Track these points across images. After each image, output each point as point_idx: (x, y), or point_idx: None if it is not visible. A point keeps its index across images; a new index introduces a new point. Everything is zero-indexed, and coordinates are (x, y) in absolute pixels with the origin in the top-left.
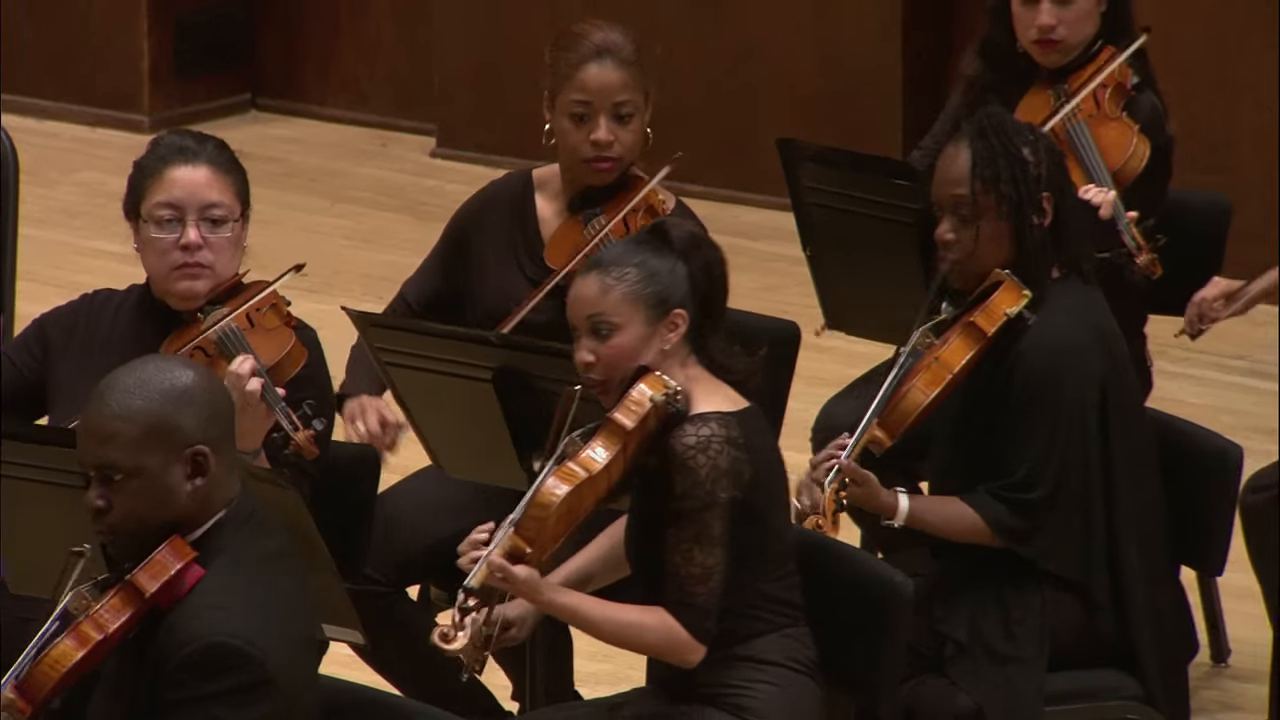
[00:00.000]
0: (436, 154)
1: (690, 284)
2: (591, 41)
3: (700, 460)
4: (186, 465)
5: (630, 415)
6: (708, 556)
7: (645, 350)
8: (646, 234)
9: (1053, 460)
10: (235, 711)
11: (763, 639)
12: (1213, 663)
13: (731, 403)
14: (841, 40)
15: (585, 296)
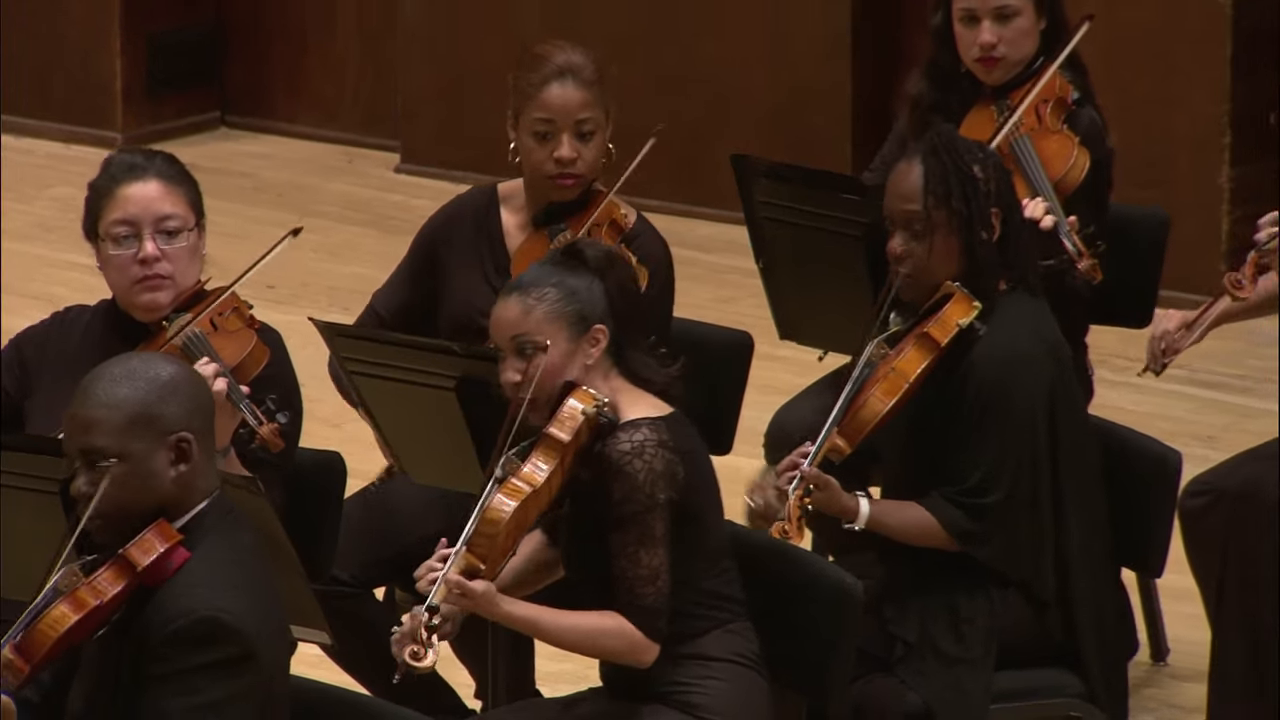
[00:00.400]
0: (401, 170)
1: (607, 300)
2: (554, 62)
3: (637, 465)
4: (171, 452)
5: (565, 429)
6: (653, 557)
7: (569, 366)
8: (562, 255)
9: (1005, 466)
10: (219, 684)
11: (707, 636)
12: (1152, 661)
13: (657, 409)
14: (793, 61)
15: (508, 318)
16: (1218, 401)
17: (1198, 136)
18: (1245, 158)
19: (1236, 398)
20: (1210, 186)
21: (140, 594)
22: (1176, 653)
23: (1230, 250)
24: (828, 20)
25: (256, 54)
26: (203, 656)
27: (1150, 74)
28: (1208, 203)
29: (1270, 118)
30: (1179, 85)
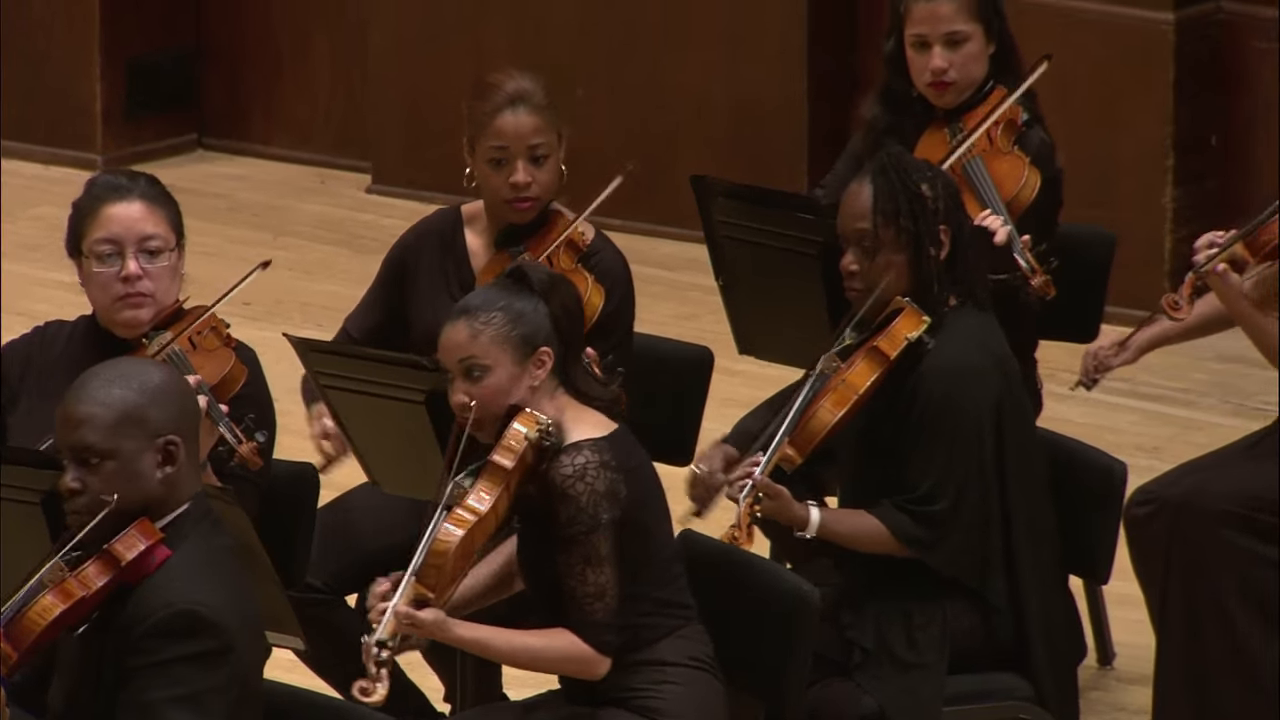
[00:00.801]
0: (372, 190)
1: (552, 322)
2: (505, 91)
3: (579, 488)
4: (158, 453)
5: (509, 456)
6: (599, 575)
7: (516, 388)
8: (506, 278)
9: (953, 475)
10: (199, 675)
11: (661, 642)
12: (1099, 665)
13: (602, 427)
14: (750, 84)
15: (456, 341)
16: (1161, 414)
17: (1142, 159)
18: (1188, 179)
19: (1180, 410)
20: (1154, 207)
21: (121, 591)
22: (1122, 657)
23: (1173, 268)
24: (784, 46)
25: (232, 79)
26: (182, 648)
27: (1097, 98)
28: (1152, 222)
29: (1211, 140)
30: (1124, 109)
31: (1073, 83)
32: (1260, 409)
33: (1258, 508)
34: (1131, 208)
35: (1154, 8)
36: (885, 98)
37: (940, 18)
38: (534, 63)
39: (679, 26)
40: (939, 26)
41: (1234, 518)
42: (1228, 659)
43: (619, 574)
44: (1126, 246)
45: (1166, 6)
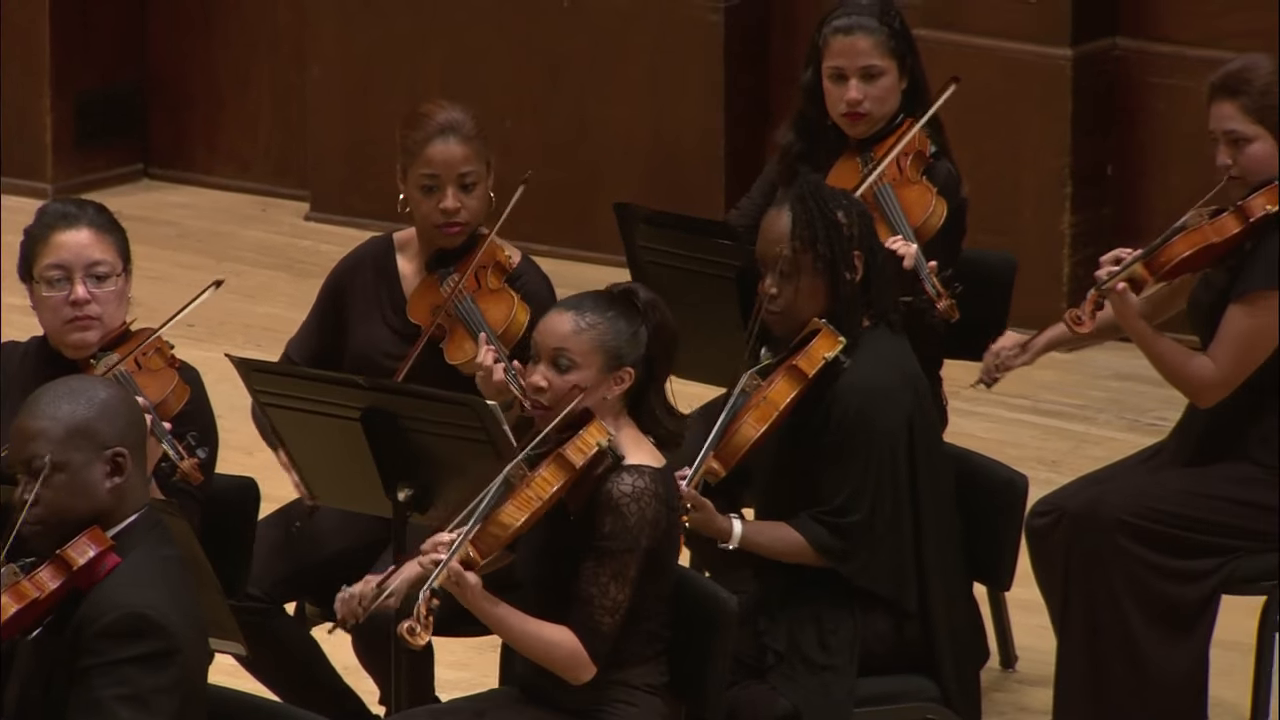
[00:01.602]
0: (311, 218)
1: (646, 349)
2: (436, 121)
3: (633, 509)
4: (107, 465)
5: (580, 455)
6: (620, 592)
7: (591, 394)
8: (620, 295)
9: (867, 488)
10: (148, 675)
11: (633, 667)
12: (1002, 668)
13: (655, 459)
14: (670, 115)
15: (557, 330)
16: (1061, 429)
17: (1042, 187)
18: (1085, 206)
19: (1078, 425)
20: (1053, 233)
21: (73, 596)
22: (1024, 660)
23: (1071, 290)
24: (703, 78)
25: (177, 111)
26: (131, 649)
27: (999, 131)
28: (1051, 247)
29: (1107, 170)
30: (1025, 141)
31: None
32: (1154, 424)
33: (1152, 518)
34: (1032, 234)
35: (1053, 44)
36: (800, 126)
37: (858, 52)
38: (465, 96)
39: (603, 62)
40: (856, 60)
41: (1130, 527)
42: (1124, 661)
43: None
44: (1027, 270)
45: (1065, 43)
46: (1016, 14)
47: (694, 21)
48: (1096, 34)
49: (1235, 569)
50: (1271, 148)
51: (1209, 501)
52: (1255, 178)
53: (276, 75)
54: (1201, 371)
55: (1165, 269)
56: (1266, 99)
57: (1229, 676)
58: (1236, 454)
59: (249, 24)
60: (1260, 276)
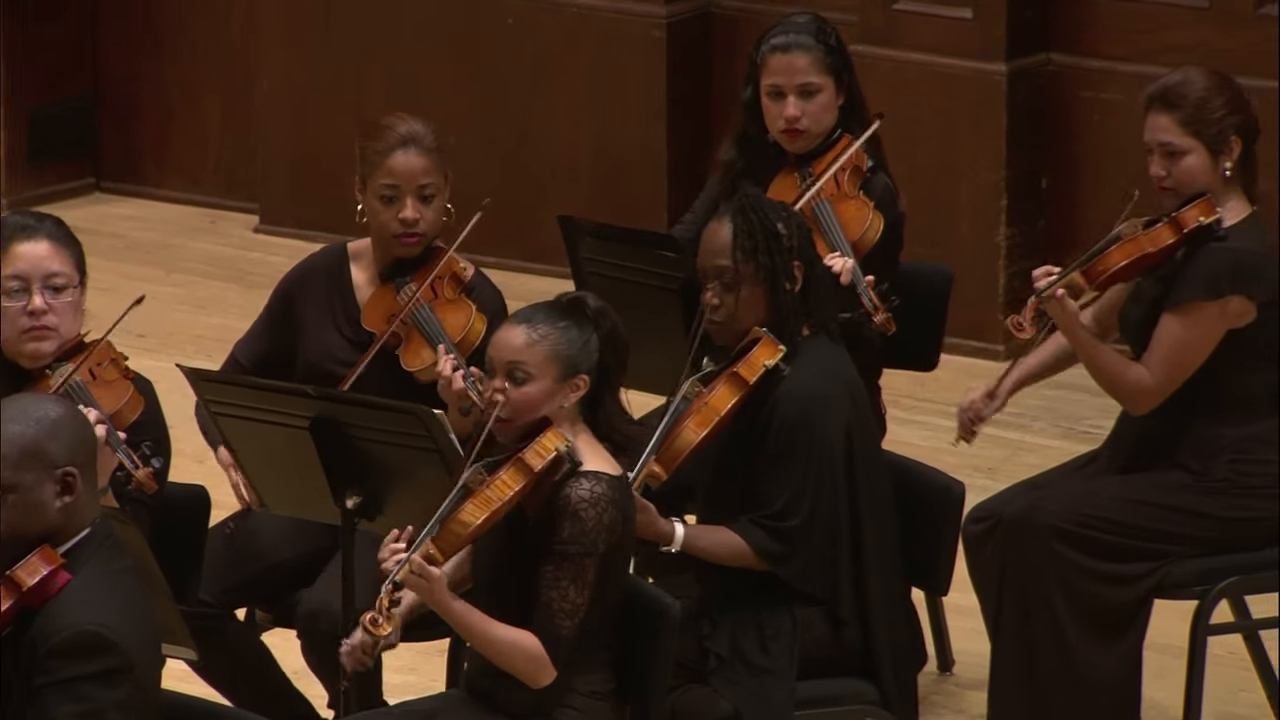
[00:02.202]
0: (259, 230)
1: (598, 356)
2: (397, 132)
3: (590, 513)
4: (57, 484)
5: (539, 459)
6: (579, 596)
7: (547, 404)
8: (569, 304)
9: (806, 493)
10: (101, 691)
11: (581, 674)
12: (939, 671)
13: (611, 466)
14: (614, 129)
15: (511, 343)
16: (997, 437)
17: (977, 200)
18: (1020, 219)
19: (1013, 433)
20: (989, 245)
21: (24, 615)
22: (961, 664)
23: (1007, 301)
24: (646, 94)
25: (127, 126)
26: (85, 667)
27: (935, 145)
28: (986, 259)
29: (1042, 183)
30: (960, 155)
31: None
32: (1089, 432)
33: (1086, 524)
34: (968, 246)
35: (988, 60)
36: (741, 142)
37: (795, 70)
38: (411, 110)
39: (547, 78)
40: (794, 78)
41: (1064, 533)
42: (1058, 665)
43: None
44: (963, 282)
45: (999, 59)
46: (952, 31)
47: (637, 37)
48: (1030, 50)
49: (1168, 573)
50: (1205, 161)
51: (1142, 507)
52: (1188, 190)
53: (226, 90)
54: (1136, 379)
55: (1102, 277)
56: (1201, 113)
57: (1162, 679)
58: (1169, 461)
59: (199, 40)
60: (1194, 287)
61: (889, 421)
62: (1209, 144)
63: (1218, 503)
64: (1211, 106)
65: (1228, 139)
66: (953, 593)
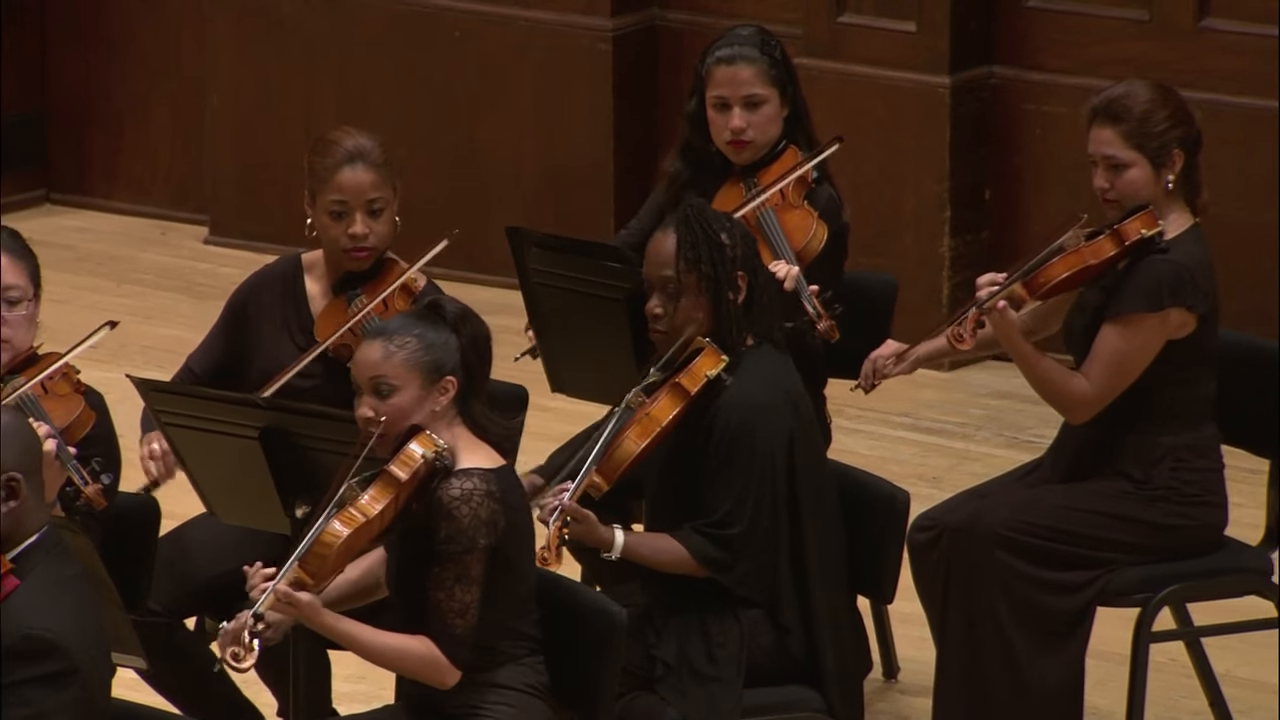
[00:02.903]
0: (209, 241)
1: (460, 355)
2: (344, 148)
3: (464, 510)
4: (1, 490)
5: (404, 469)
6: (465, 594)
7: (418, 410)
8: (425, 309)
9: (749, 501)
10: (48, 696)
11: (504, 668)
12: (884, 679)
13: (491, 460)
14: (560, 140)
15: (370, 360)
16: (941, 446)
17: (921, 211)
18: (963, 230)
19: (957, 443)
20: (933, 255)
21: None
22: (905, 671)
23: (951, 311)
24: (593, 106)
25: (78, 139)
26: (33, 671)
27: (879, 157)
28: (931, 270)
29: (985, 194)
30: (905, 166)
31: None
32: (1032, 441)
33: (1029, 532)
34: (912, 256)
35: (932, 73)
36: (686, 153)
37: (740, 81)
38: (358, 124)
39: (493, 90)
40: (739, 89)
41: (1007, 541)
42: (1001, 671)
43: (482, 597)
44: (908, 292)
45: (943, 72)
46: (896, 44)
47: (583, 50)
48: (973, 63)
49: (1110, 581)
50: (1147, 174)
51: (1084, 516)
52: (1131, 202)
53: (176, 103)
54: (1076, 389)
55: (1044, 289)
56: (1144, 126)
57: (1104, 686)
58: (1110, 470)
59: (149, 54)
60: (1134, 299)
61: (834, 431)
62: (1152, 157)
63: (1159, 511)
64: (1155, 120)
65: (1170, 152)
66: (898, 600)
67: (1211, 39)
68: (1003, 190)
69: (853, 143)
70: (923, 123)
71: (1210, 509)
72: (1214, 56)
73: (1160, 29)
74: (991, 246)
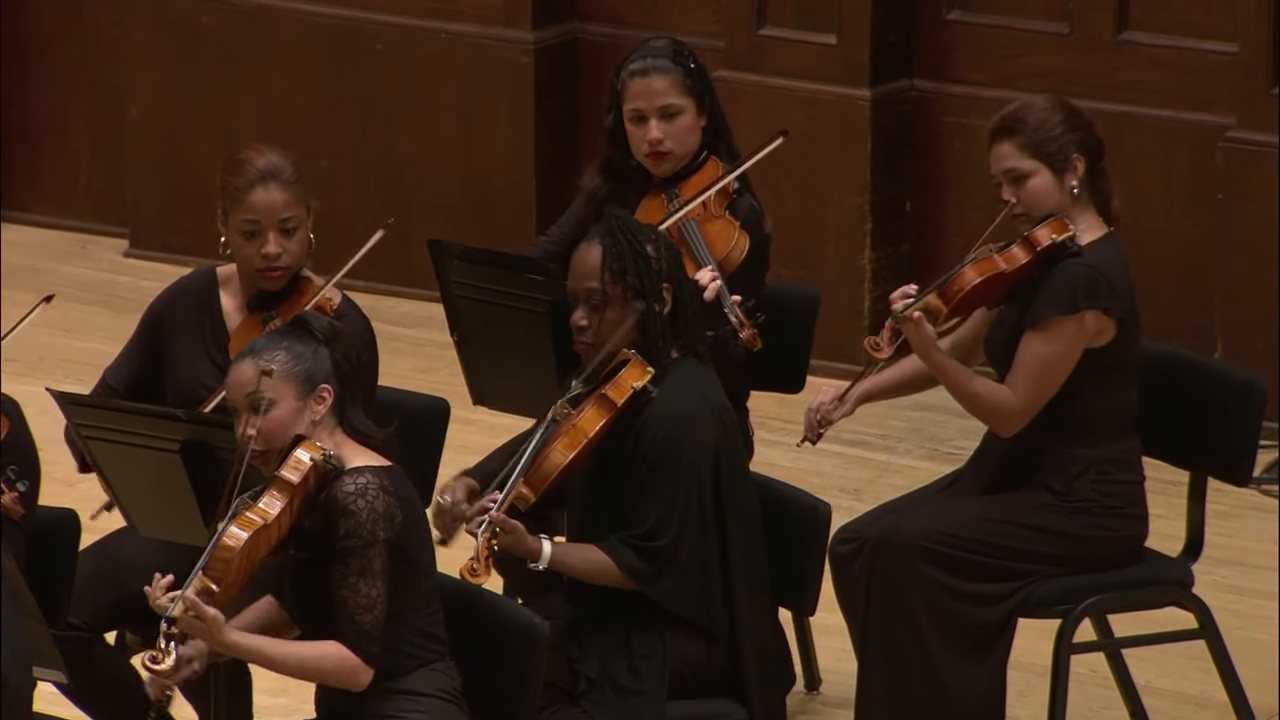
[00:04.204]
0: (129, 254)
1: (332, 364)
2: (256, 167)
3: (360, 504)
4: None
5: (294, 472)
6: (371, 588)
7: (298, 422)
8: (290, 326)
9: (674, 513)
10: None
11: (415, 674)
12: (806, 691)
13: (378, 461)
14: (482, 153)
15: (243, 379)
16: (862, 458)
17: (842, 224)
18: (884, 242)
19: (879, 455)
20: (854, 267)
21: None
22: (828, 683)
23: (872, 323)
24: (514, 118)
25: None
26: None
27: (800, 169)
28: (851, 282)
29: (905, 206)
30: (826, 179)
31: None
32: (952, 452)
33: (950, 544)
34: (833, 269)
35: (852, 85)
36: (606, 168)
37: (655, 93)
38: (280, 137)
39: (415, 103)
40: (654, 101)
41: (929, 553)
42: (922, 682)
43: (388, 591)
44: (829, 304)
45: (864, 84)
46: (817, 56)
47: (504, 63)
48: (894, 75)
49: (1031, 593)
50: (1049, 181)
51: (1005, 527)
52: (1039, 211)
53: (96, 116)
54: (1001, 400)
55: (958, 297)
56: (1040, 133)
57: (1026, 698)
58: (1031, 481)
59: (68, 66)
60: (1051, 304)
61: (756, 443)
62: (1051, 163)
63: (1080, 522)
64: (1049, 126)
65: (1069, 156)
66: (820, 612)
67: (1131, 51)
68: (923, 202)
69: (774, 155)
70: (844, 135)
71: (1131, 521)
72: (1134, 69)
73: (1080, 42)
74: (912, 259)
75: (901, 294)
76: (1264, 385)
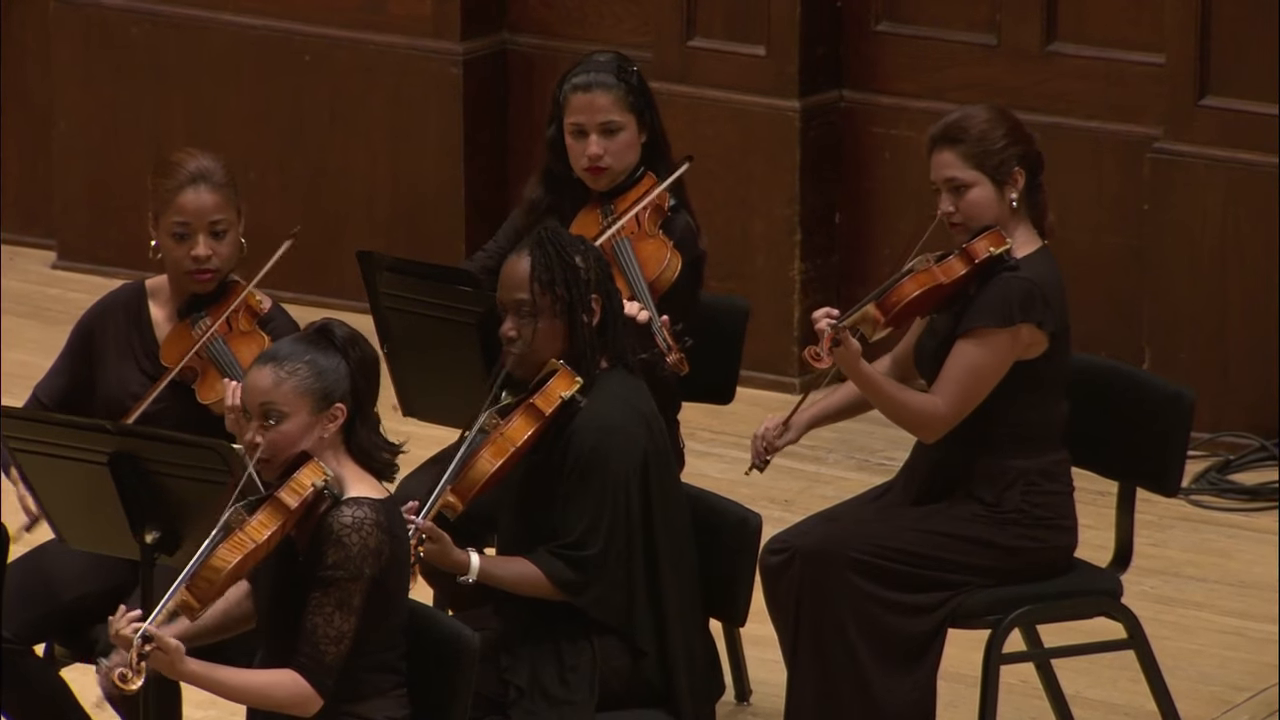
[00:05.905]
0: (57, 266)
1: (350, 381)
2: (187, 169)
3: (354, 539)
4: None
5: (293, 497)
6: (345, 622)
7: (306, 438)
8: (314, 334)
9: (603, 523)
10: None
11: (369, 700)
12: (737, 702)
13: (376, 491)
14: (411, 166)
15: (260, 385)
16: (793, 469)
17: (772, 235)
18: (813, 253)
19: (809, 466)
20: (784, 279)
21: None
22: (758, 694)
23: (802, 335)
24: (443, 130)
25: None
26: None
27: (730, 181)
28: (781, 293)
29: (835, 218)
30: (755, 191)
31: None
32: (883, 464)
33: (880, 555)
34: (763, 280)
35: (781, 97)
36: (546, 180)
37: (597, 108)
38: (209, 147)
39: (344, 113)
40: (595, 116)
41: (858, 564)
42: (853, 693)
43: (358, 628)
44: (759, 316)
45: (793, 96)
46: (746, 68)
47: (433, 74)
48: (823, 87)
49: (961, 603)
50: (990, 193)
51: (935, 538)
52: (977, 223)
53: (22, 128)
54: (926, 407)
55: (895, 309)
56: (982, 145)
57: (956, 708)
58: (961, 493)
59: None
60: (985, 315)
61: (687, 454)
62: (992, 175)
63: (1010, 533)
64: (992, 138)
65: (1011, 170)
66: (750, 623)
67: (1059, 63)
68: (853, 214)
69: (703, 166)
70: (773, 146)
71: (1061, 532)
72: (1062, 80)
73: (1008, 53)
74: (842, 270)
75: (825, 313)
76: (1192, 396)
